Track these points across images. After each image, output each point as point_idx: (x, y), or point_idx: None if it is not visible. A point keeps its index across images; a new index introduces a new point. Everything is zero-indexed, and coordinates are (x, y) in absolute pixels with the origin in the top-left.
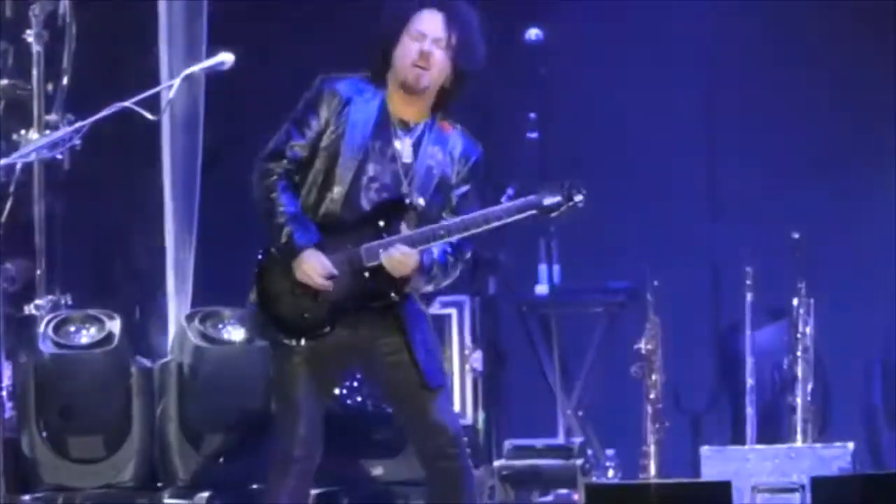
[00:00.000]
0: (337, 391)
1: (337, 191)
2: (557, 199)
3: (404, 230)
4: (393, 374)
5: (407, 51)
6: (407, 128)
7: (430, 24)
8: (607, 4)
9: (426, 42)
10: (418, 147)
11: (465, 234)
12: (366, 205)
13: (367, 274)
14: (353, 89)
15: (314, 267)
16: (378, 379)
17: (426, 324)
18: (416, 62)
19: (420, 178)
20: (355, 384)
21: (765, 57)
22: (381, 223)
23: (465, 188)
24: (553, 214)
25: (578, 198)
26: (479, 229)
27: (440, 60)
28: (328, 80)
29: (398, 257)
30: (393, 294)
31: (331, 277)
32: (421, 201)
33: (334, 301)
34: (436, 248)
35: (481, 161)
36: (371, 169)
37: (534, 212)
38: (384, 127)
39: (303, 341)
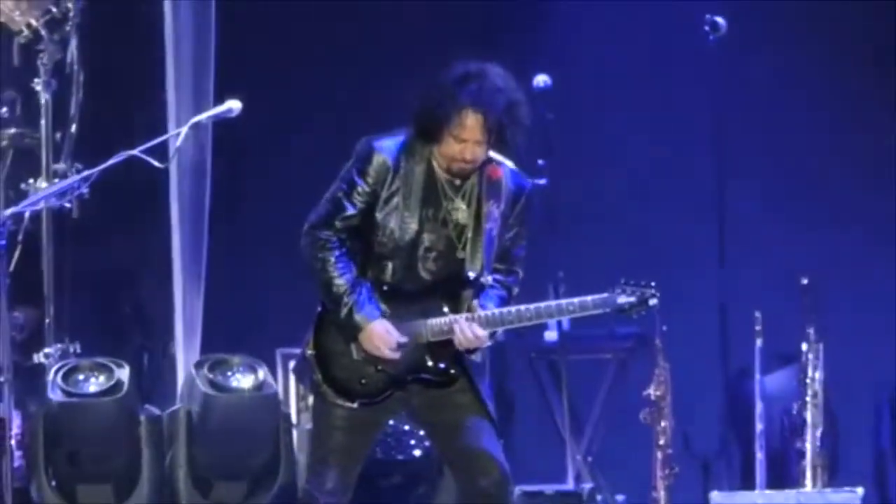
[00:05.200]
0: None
1: (395, 263)
2: (632, 300)
3: (472, 307)
4: (448, 406)
5: (450, 148)
6: (456, 187)
7: (471, 130)
8: (614, 49)
9: (468, 146)
10: (472, 206)
11: (537, 321)
12: (425, 275)
13: (428, 348)
14: (399, 153)
15: (384, 339)
16: (429, 416)
17: (485, 375)
18: (459, 160)
19: (483, 248)
20: None
21: (773, 102)
22: (444, 296)
23: (516, 229)
24: (624, 313)
25: (653, 301)
26: (551, 319)
27: (482, 154)
28: (375, 145)
29: (472, 339)
30: (452, 371)
31: (399, 347)
32: (489, 278)
33: (393, 373)
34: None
35: (532, 196)
36: (426, 239)
37: (607, 309)
38: (433, 191)
39: (356, 404)
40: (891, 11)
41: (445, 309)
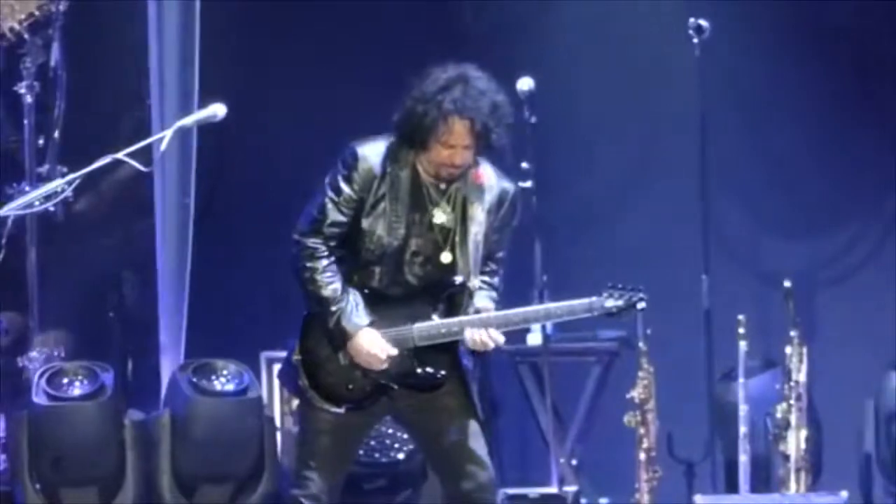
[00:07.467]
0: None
1: (382, 268)
2: (620, 304)
3: (462, 313)
4: (435, 410)
5: (438, 155)
6: (441, 190)
7: (459, 136)
8: (598, 53)
9: (457, 151)
10: (457, 210)
11: (524, 325)
12: (412, 279)
13: (416, 353)
14: (384, 159)
15: (373, 352)
16: (415, 420)
17: (472, 377)
18: (448, 165)
19: (470, 252)
20: None
21: (757, 106)
22: (432, 301)
23: (500, 231)
24: (612, 317)
25: (641, 305)
26: (538, 322)
27: (470, 158)
28: (360, 151)
29: (486, 341)
30: (440, 376)
31: (388, 358)
32: (476, 282)
33: (380, 379)
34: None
35: (517, 198)
36: (414, 244)
37: (595, 313)
38: (419, 195)
39: (343, 409)
40: (876, 14)
41: (434, 315)
